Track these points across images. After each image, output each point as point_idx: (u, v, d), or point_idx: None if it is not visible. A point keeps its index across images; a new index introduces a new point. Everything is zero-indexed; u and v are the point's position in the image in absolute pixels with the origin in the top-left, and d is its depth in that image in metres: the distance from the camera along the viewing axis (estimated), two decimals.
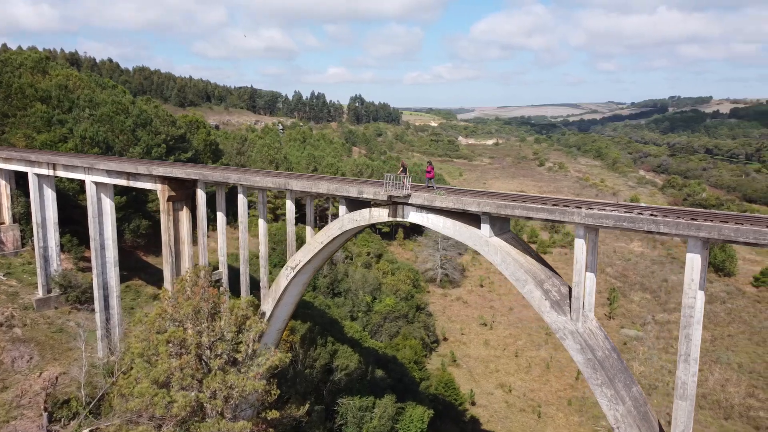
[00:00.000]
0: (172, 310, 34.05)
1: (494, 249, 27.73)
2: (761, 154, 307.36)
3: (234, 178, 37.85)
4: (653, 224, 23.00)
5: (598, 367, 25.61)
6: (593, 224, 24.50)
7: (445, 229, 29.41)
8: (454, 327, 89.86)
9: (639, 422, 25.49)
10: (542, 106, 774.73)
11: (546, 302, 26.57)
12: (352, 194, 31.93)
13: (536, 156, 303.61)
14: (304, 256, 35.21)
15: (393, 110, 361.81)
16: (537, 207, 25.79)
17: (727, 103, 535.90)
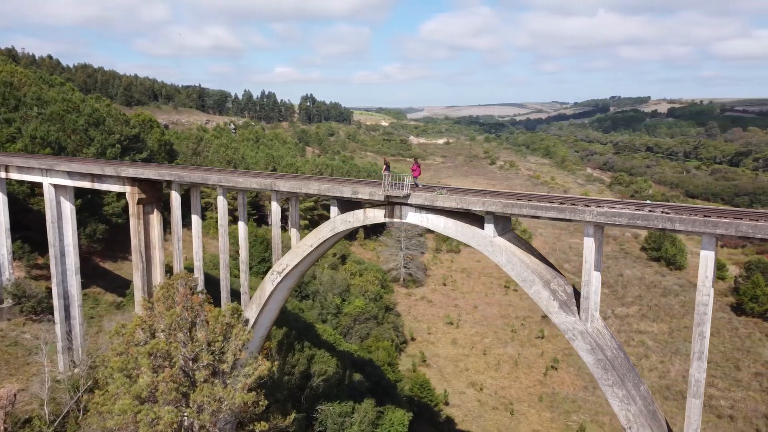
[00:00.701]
0: (153, 320, 31.99)
1: (499, 249, 27.09)
2: (698, 151, 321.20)
3: (214, 179, 35.98)
4: (668, 222, 22.80)
5: (609, 368, 25.31)
6: (605, 222, 24.16)
7: (446, 230, 28.58)
8: (420, 327, 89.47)
9: (650, 421, 25.32)
10: (489, 106, 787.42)
11: (554, 303, 26.09)
12: (346, 195, 30.71)
13: (487, 155, 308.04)
14: (292, 260, 33.74)
15: (344, 110, 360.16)
16: (546, 206, 25.28)
17: (664, 103, 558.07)
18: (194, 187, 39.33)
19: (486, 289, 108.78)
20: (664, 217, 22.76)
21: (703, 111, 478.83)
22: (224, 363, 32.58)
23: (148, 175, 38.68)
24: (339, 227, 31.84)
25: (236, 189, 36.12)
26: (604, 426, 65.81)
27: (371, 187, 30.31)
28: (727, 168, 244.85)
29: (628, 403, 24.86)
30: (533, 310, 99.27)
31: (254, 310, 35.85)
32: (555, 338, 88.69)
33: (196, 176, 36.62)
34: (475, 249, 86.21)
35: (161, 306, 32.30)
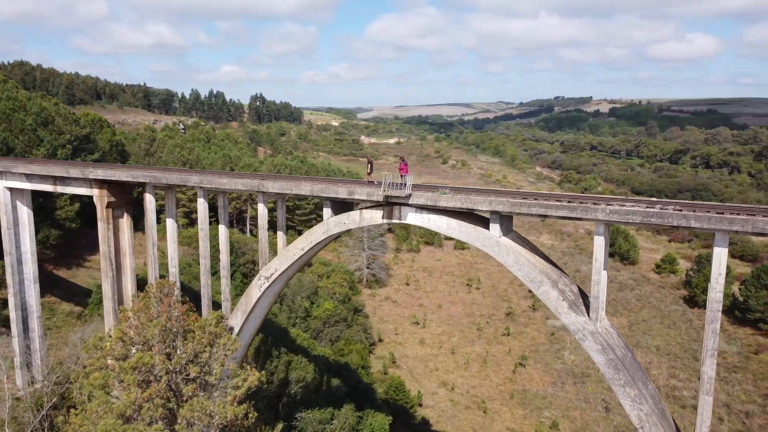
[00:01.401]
0: (134, 332, 29.93)
1: (506, 249, 26.51)
2: (640, 150, 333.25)
3: (195, 181, 34.09)
4: (683, 219, 22.70)
5: (620, 367, 25.08)
6: (618, 221, 23.91)
7: (449, 230, 27.81)
8: (387, 327, 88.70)
9: (660, 420, 25.25)
10: (437, 106, 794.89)
11: (564, 303, 25.70)
12: (341, 195, 29.53)
13: (438, 154, 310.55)
14: (281, 264, 32.29)
15: (295, 110, 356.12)
16: (556, 204, 24.85)
17: (605, 103, 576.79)
18: (169, 189, 37.27)
19: (449, 287, 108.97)
20: (678, 215, 22.64)
21: (642, 111, 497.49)
22: (212, 375, 30.90)
23: (119, 177, 36.37)
24: (333, 229, 30.62)
25: (219, 191, 34.32)
26: (575, 421, 66.67)
27: (368, 187, 29.21)
28: (668, 166, 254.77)
29: (640, 403, 24.70)
30: (497, 308, 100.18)
31: (239, 317, 34.18)
32: (521, 335, 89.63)
33: (175, 177, 34.61)
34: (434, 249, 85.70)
35: (143, 316, 30.28)
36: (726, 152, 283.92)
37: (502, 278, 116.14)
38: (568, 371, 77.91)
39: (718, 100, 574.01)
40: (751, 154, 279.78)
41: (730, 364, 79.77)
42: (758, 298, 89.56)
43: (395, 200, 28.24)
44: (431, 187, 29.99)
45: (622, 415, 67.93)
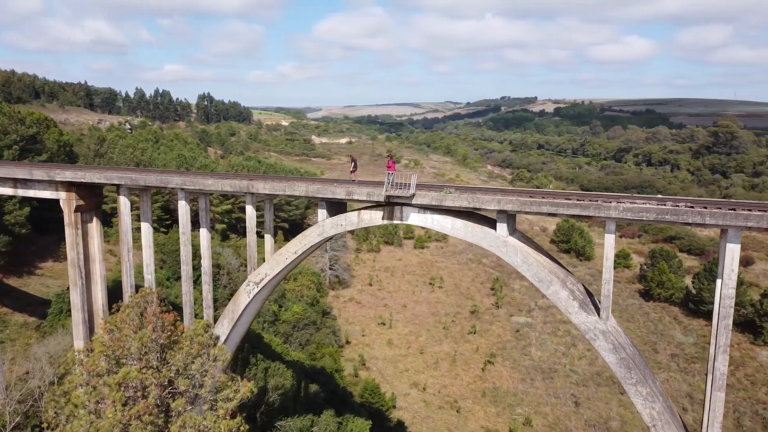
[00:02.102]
0: (118, 344, 27.90)
1: (513, 250, 25.99)
2: (585, 148, 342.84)
3: (176, 182, 32.19)
4: (698, 216, 22.68)
5: (632, 366, 24.93)
6: (632, 219, 23.71)
7: (454, 231, 27.08)
8: (354, 329, 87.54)
9: (671, 418, 25.24)
10: (387, 106, 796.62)
11: (574, 303, 25.36)
12: (339, 196, 28.38)
13: (390, 154, 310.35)
14: (272, 269, 30.84)
15: (244, 109, 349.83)
16: (567, 203, 24.46)
17: (550, 103, 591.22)
18: (144, 191, 35.16)
19: (412, 287, 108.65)
20: (694, 212, 22.60)
21: (585, 111, 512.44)
22: (202, 388, 29.18)
23: (91, 179, 34.03)
24: (328, 231, 29.42)
25: (204, 192, 32.52)
26: (547, 417, 67.32)
27: (369, 187, 28.15)
28: (614, 164, 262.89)
29: (652, 401, 24.60)
30: (461, 306, 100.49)
31: (226, 325, 32.50)
32: (487, 333, 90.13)
33: (154, 179, 32.59)
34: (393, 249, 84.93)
35: (128, 328, 28.27)
36: (666, 150, 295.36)
37: (463, 277, 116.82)
38: (536, 367, 78.74)
39: (655, 100, 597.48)
40: (689, 152, 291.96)
41: (689, 355, 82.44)
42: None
43: (397, 200, 27.29)
44: (433, 186, 29.19)
45: (591, 410, 69.17)
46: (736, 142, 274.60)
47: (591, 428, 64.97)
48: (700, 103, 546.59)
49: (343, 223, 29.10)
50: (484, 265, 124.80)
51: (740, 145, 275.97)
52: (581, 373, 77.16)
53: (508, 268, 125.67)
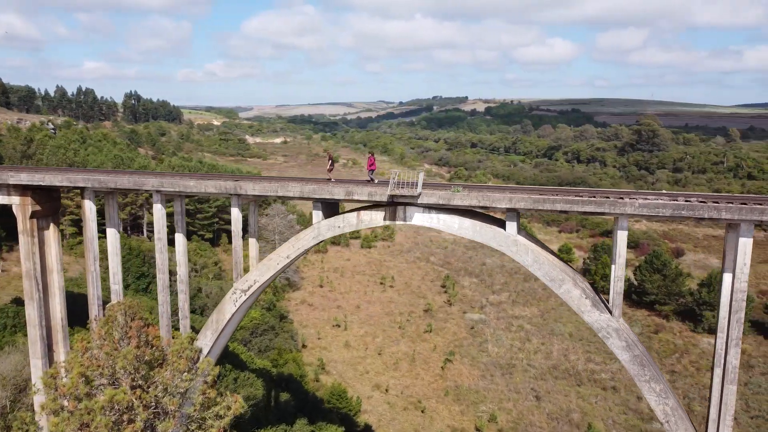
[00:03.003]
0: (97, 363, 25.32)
1: (524, 248, 25.39)
2: (517, 147, 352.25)
3: (153, 184, 29.69)
4: (714, 211, 22.77)
5: (645, 363, 24.86)
6: (648, 215, 23.57)
7: (461, 231, 26.20)
8: (309, 332, 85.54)
9: (683, 414, 25.35)
10: (319, 105, 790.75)
11: (587, 301, 25.06)
12: (338, 196, 26.94)
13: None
14: (262, 275, 29.01)
15: (173, 108, 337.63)
16: (582, 200, 24.07)
17: (480, 103, 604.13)
18: (110, 194, 32.40)
19: (363, 287, 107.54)
20: (710, 207, 22.68)
21: (515, 110, 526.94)
22: (191, 406, 26.98)
23: (51, 182, 30.98)
24: (325, 234, 27.90)
25: (184, 194, 30.20)
26: (510, 412, 67.85)
27: (370, 187, 26.84)
28: (547, 161, 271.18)
29: (665, 397, 24.60)
30: (414, 305, 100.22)
31: (209, 337, 30.35)
32: (442, 331, 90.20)
33: (125, 181, 29.95)
34: (341, 249, 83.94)
35: (108, 345, 25.69)
36: (593, 148, 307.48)
37: (413, 275, 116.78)
38: (495, 364, 79.40)
39: (579, 100, 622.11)
40: (615, 150, 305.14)
41: None
42: (652, 282, 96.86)
43: (401, 200, 26.14)
44: (439, 185, 28.21)
45: (552, 403, 70.29)
46: (657, 140, 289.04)
47: (554, 421, 65.99)
48: (620, 103, 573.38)
49: (341, 225, 27.65)
50: (432, 263, 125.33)
51: (661, 142, 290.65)
52: (538, 367, 78.42)
53: (456, 265, 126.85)
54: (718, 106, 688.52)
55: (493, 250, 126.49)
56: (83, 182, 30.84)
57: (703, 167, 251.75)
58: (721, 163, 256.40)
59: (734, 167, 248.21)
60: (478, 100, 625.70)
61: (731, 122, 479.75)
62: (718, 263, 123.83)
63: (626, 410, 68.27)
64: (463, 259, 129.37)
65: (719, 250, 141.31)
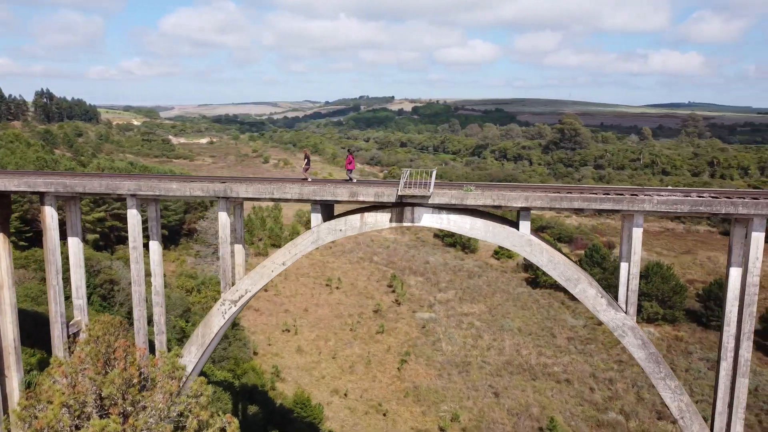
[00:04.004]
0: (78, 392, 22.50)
1: (539, 248, 24.77)
2: (445, 145, 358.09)
3: (128, 187, 26.95)
4: (731, 206, 22.92)
5: (660, 360, 24.82)
6: (666, 211, 23.46)
7: (473, 231, 25.25)
8: (259, 339, 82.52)
9: (696, 409, 25.48)
10: (244, 105, 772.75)
11: (602, 300, 24.72)
12: (341, 198, 25.37)
13: (257, 153, 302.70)
14: (255, 284, 26.98)
15: (90, 108, 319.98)
16: (601, 197, 23.67)
17: (407, 102, 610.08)
18: (72, 200, 29.28)
19: (309, 290, 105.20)
20: (727, 202, 22.82)
21: (441, 110, 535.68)
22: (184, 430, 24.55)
23: (6, 187, 27.54)
24: (325, 238, 26.24)
25: (165, 198, 27.61)
26: (472, 410, 67.91)
27: (377, 187, 25.40)
28: (477, 159, 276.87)
29: (680, 394, 24.66)
30: (363, 306, 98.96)
31: (194, 353, 27.96)
32: (394, 331, 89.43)
33: (96, 184, 27.05)
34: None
35: (91, 370, 22.86)
36: (519, 146, 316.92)
37: (358, 276, 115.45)
38: (450, 362, 79.40)
39: (502, 100, 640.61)
40: (539, 148, 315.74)
41: (582, 337, 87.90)
42: (593, 274, 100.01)
43: (411, 200, 24.86)
44: (444, 184, 27.10)
45: (510, 398, 70.96)
46: (579, 138, 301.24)
47: (514, 417, 66.58)
48: (540, 103, 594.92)
49: (342, 228, 26.05)
50: (376, 263, 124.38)
51: (582, 140, 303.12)
52: (493, 363, 79.09)
53: (400, 265, 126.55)
54: (628, 106, 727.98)
55: (434, 249, 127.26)
56: (44, 186, 27.61)
57: (622, 164, 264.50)
58: (638, 159, 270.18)
59: (650, 163, 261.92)
60: (405, 100, 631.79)
61: (641, 121, 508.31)
62: (646, 255, 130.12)
63: (581, 402, 69.93)
64: (406, 258, 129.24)
65: (645, 243, 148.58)
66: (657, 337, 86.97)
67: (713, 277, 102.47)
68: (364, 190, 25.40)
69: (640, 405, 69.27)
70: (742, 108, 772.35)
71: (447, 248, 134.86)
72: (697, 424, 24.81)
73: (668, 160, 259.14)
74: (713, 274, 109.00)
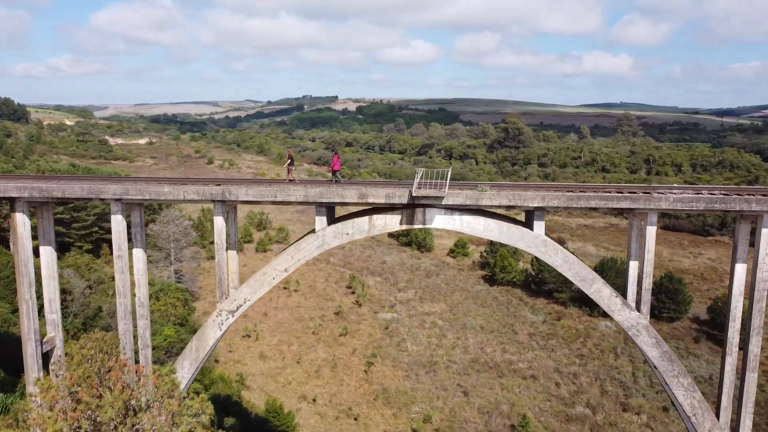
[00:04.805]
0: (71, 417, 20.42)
1: (554, 249, 24.37)
2: (391, 145, 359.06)
3: (114, 191, 24.85)
4: (745, 203, 23.08)
5: (674, 358, 24.87)
6: (682, 209, 23.43)
7: (486, 232, 24.56)
8: (218, 345, 79.56)
9: (707, 406, 25.64)
10: (183, 104, 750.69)
11: (617, 300, 24.53)
12: (350, 199, 24.15)
13: (200, 154, 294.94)
14: (253, 293, 25.51)
15: (18, 107, 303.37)
16: (618, 196, 23.42)
17: (351, 102, 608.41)
18: (44, 206, 26.87)
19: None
20: (741, 199, 22.98)
21: (385, 110, 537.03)
22: None
23: None
24: (331, 242, 24.98)
25: (156, 202, 25.59)
26: (443, 410, 67.63)
27: (387, 188, 24.31)
28: (425, 158, 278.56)
29: (693, 391, 24.77)
30: (324, 309, 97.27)
31: (187, 368, 26.18)
32: (357, 333, 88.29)
33: (77, 188, 24.79)
34: (245, 255, 79.51)
35: (85, 393, 20.75)
36: (465, 145, 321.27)
37: (316, 278, 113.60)
38: (417, 362, 78.97)
39: (444, 99, 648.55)
40: (484, 147, 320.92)
41: (543, 333, 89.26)
42: (550, 270, 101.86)
43: (424, 201, 23.92)
44: (463, 184, 26.25)
45: (480, 397, 71.10)
46: (522, 137, 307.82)
47: (485, 415, 66.70)
48: (482, 103, 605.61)
49: (350, 232, 24.84)
50: (333, 264, 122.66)
51: (526, 139, 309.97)
52: (459, 362, 79.15)
53: (357, 265, 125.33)
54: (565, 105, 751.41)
55: (389, 248, 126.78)
56: (16, 191, 25.13)
57: (564, 162, 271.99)
58: (579, 158, 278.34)
59: (590, 161, 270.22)
60: (348, 100, 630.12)
61: (578, 121, 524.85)
62: (596, 251, 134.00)
63: (549, 397, 70.84)
64: (362, 258, 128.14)
65: (592, 238, 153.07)
66: (614, 330, 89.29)
67: (662, 270, 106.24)
68: (374, 191, 24.24)
69: (604, 398, 70.77)
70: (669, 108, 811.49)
71: (402, 248, 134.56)
72: (709, 421, 24.98)
73: (607, 157, 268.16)
74: (660, 268, 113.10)
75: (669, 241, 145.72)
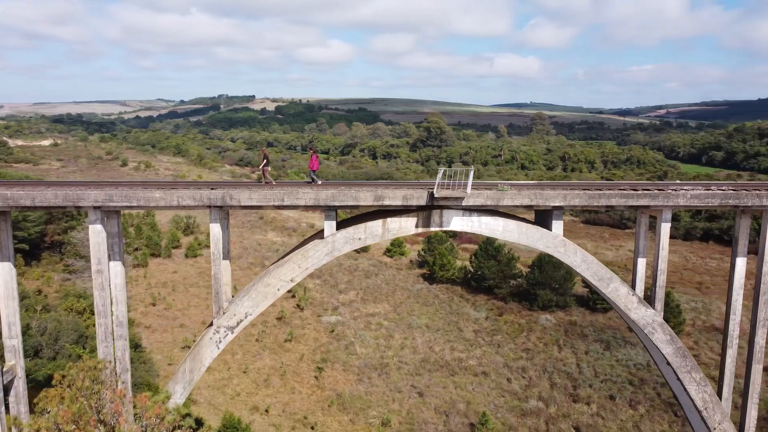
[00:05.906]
0: None
1: (573, 249, 23.86)
2: (314, 144, 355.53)
3: (94, 197, 21.88)
4: (757, 198, 23.43)
5: (687, 354, 25.02)
6: (698, 205, 23.48)
7: (506, 234, 23.67)
8: (157, 359, 74.87)
9: (718, 400, 25.97)
10: (88, 103, 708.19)
11: (633, 298, 24.36)
12: (364, 202, 22.52)
13: (112, 155, 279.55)
14: (256, 306, 23.57)
15: None
16: (637, 193, 23.17)
17: (269, 102, 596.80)
18: (2, 215, 23.47)
19: (202, 301, 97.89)
20: (753, 195, 23.28)
21: (305, 109, 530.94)
22: None
23: None
24: (341, 248, 23.27)
25: (146, 208, 22.84)
26: (400, 413, 66.68)
27: (405, 189, 22.83)
28: (352, 158, 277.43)
29: (704, 385, 25.01)
30: (265, 314, 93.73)
31: (179, 393, 23.86)
32: (303, 338, 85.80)
33: (50, 195, 21.62)
34: (163, 261, 77.60)
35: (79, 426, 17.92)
36: (388, 145, 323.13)
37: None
38: (367, 365, 77.62)
39: (364, 99, 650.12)
40: (407, 146, 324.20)
41: (487, 329, 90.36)
42: (488, 267, 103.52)
43: (444, 203, 22.68)
44: (488, 184, 25.10)
45: (435, 396, 70.72)
46: (444, 136, 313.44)
47: (443, 415, 66.34)
48: (401, 102, 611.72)
49: (362, 237, 23.21)
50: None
51: (447, 138, 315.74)
52: (410, 362, 78.55)
53: None
54: (479, 105, 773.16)
55: None
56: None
57: (486, 160, 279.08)
58: (500, 155, 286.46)
59: (510, 159, 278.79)
60: (266, 99, 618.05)
61: (494, 120, 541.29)
62: None
63: (502, 393, 71.51)
64: None
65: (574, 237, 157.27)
66: (554, 323, 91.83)
67: None
68: (390, 192, 22.69)
69: (554, 390, 72.28)
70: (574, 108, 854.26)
71: None
72: (719, 414, 25.32)
73: (526, 155, 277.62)
74: None
75: (591, 235, 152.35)
